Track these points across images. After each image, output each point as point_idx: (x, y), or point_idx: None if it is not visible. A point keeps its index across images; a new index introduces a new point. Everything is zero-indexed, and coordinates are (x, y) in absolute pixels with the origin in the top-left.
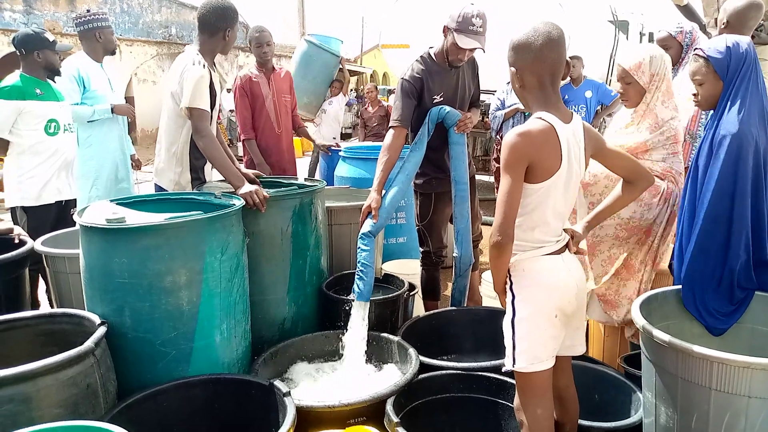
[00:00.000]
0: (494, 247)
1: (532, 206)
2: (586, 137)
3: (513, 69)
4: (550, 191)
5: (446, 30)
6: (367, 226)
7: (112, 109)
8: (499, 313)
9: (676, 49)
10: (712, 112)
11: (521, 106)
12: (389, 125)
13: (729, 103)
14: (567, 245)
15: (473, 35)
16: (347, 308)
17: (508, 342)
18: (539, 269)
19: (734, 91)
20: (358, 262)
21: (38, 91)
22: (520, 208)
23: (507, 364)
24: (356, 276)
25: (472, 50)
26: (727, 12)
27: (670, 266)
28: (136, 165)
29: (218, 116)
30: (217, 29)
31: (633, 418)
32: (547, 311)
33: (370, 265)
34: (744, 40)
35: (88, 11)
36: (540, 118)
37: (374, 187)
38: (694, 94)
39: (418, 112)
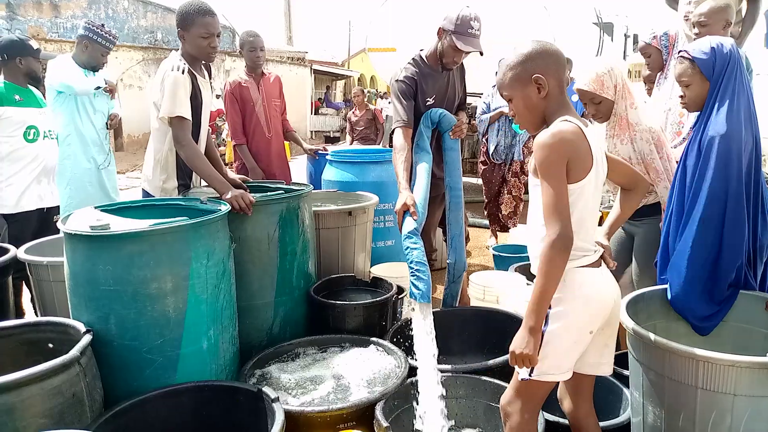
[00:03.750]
0: (561, 252)
1: (571, 208)
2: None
3: (538, 76)
4: (585, 190)
5: (442, 32)
6: (411, 224)
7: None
8: (486, 313)
9: (657, 54)
10: (698, 114)
11: (506, 110)
12: (394, 126)
13: (717, 103)
14: (602, 258)
15: (471, 38)
16: (410, 310)
17: None
18: (581, 281)
19: (721, 92)
20: (411, 262)
21: (17, 97)
22: None
23: (522, 373)
24: (412, 277)
25: (468, 53)
26: (701, 12)
27: (654, 263)
28: (112, 121)
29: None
30: (178, 31)
31: (621, 418)
32: (580, 326)
33: (425, 263)
34: (728, 41)
35: (102, 25)
36: (566, 120)
37: (402, 185)
38: (681, 96)
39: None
